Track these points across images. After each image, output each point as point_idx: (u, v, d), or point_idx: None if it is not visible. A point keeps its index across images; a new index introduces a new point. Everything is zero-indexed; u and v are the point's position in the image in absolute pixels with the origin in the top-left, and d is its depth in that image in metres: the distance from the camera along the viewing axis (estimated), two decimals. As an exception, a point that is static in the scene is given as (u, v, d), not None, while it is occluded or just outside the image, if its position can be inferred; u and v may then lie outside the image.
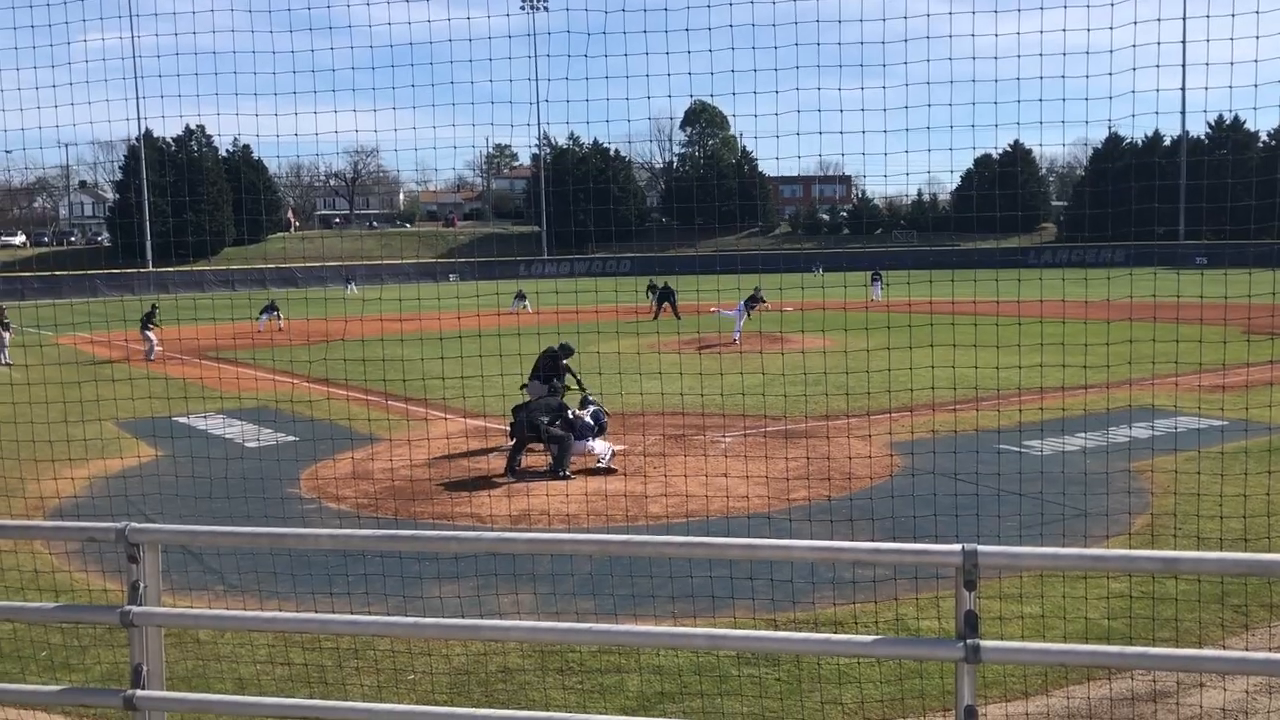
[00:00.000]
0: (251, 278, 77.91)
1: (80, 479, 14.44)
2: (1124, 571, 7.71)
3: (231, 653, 8.20)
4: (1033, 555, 4.93)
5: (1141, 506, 11.68)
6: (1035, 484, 12.18)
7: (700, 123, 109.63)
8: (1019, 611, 8.29)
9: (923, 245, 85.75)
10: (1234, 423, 14.95)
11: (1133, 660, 4.81)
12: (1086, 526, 10.87)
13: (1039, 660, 5.33)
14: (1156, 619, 7.94)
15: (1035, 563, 4.95)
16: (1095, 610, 8.24)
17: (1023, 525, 10.66)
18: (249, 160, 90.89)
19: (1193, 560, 5.09)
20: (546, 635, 5.06)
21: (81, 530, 5.08)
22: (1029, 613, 8.23)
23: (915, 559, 4.53)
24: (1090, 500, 11.39)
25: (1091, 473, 12.69)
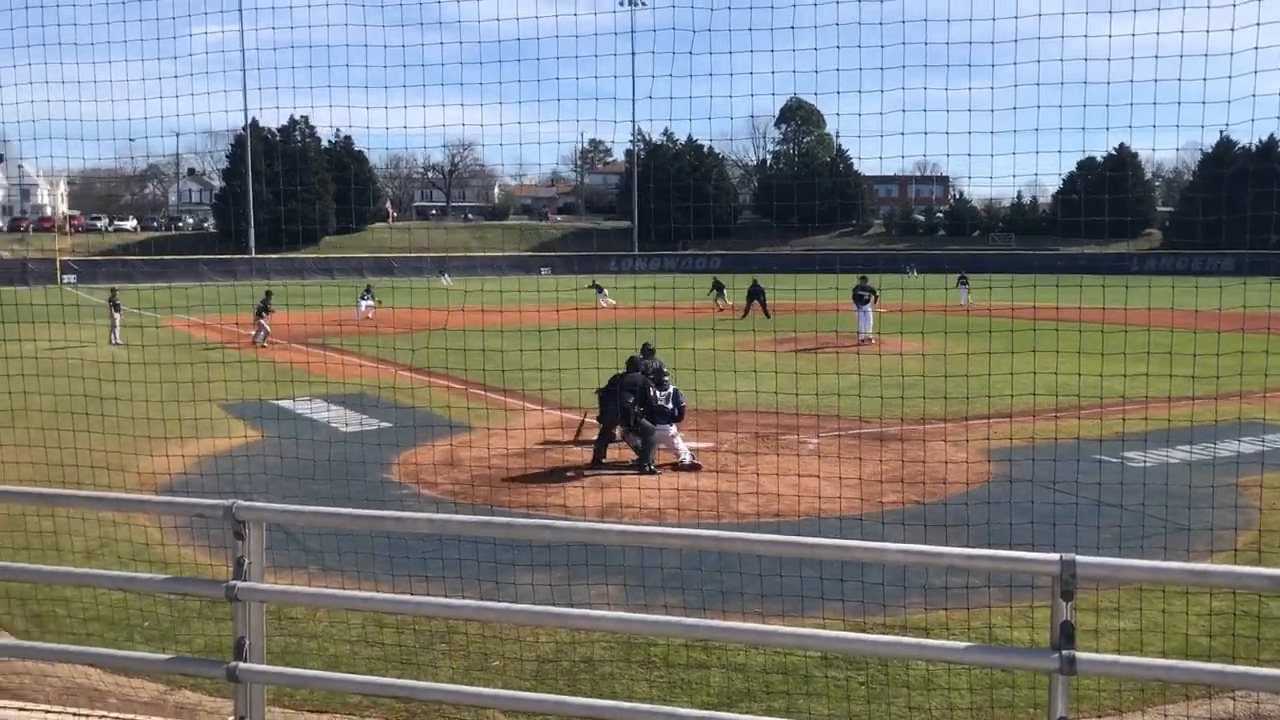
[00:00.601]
0: (350, 266, 79.77)
1: (186, 457, 14.97)
2: (1229, 588, 7.45)
3: (324, 631, 8.43)
4: (1133, 568, 4.78)
5: (1247, 523, 11.27)
6: (1136, 496, 11.82)
7: (796, 120, 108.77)
8: (1115, 626, 8.07)
9: (1021, 248, 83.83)
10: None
11: (1234, 680, 4.64)
12: (1189, 542, 10.52)
13: (1136, 675, 5.19)
14: (1261, 639, 7.65)
15: (1136, 575, 4.81)
16: (1195, 628, 7.97)
17: (1122, 538, 10.37)
18: (351, 151, 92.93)
19: None
20: (635, 627, 5.10)
21: (191, 506, 5.27)
22: (1125, 627, 8.00)
23: (1011, 567, 4.44)
24: (1193, 515, 11.02)
25: (1195, 487, 12.27)
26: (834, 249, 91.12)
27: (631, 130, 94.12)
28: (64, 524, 10.41)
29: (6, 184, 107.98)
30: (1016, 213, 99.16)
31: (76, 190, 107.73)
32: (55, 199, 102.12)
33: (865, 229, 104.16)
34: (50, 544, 9.66)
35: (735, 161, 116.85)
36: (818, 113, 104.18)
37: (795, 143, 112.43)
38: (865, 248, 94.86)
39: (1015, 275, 16.16)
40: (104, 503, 8.46)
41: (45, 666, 7.15)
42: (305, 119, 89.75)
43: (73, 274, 70.49)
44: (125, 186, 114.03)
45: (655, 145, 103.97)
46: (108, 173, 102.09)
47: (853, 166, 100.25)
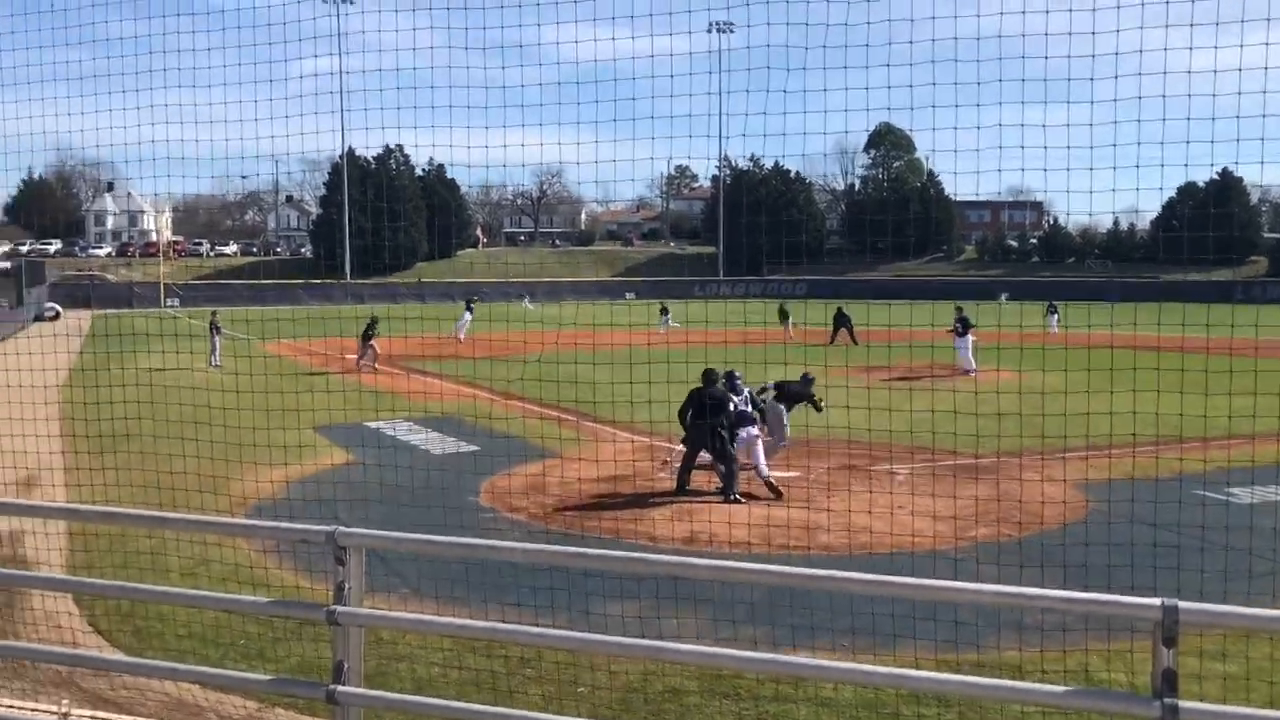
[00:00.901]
0: (440, 291, 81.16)
1: (276, 483, 15.32)
2: None
3: (412, 653, 8.53)
4: (1238, 615, 4.59)
5: (1364, 567, 10.74)
6: (1241, 536, 11.38)
7: (885, 145, 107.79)
8: (1220, 671, 7.76)
9: (1118, 275, 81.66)
10: None
11: None
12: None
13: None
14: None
15: (1241, 622, 4.62)
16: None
17: (1227, 579, 9.98)
18: (442, 178, 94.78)
19: None
20: (724, 661, 5.06)
21: (295, 532, 5.39)
22: (1230, 672, 7.68)
23: (1111, 611, 4.29)
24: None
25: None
26: (923, 275, 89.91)
27: (718, 156, 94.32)
28: (163, 544, 10.74)
29: (116, 211, 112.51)
30: (1113, 239, 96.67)
31: (180, 216, 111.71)
32: (160, 225, 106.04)
33: (956, 254, 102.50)
34: (149, 563, 9.98)
35: (822, 186, 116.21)
36: (908, 137, 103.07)
37: (884, 167, 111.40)
38: (956, 274, 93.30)
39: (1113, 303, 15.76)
40: (211, 526, 8.74)
41: (149, 680, 7.37)
42: (400, 147, 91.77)
43: (176, 298, 73.00)
44: (226, 213, 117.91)
45: (741, 170, 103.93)
46: (210, 199, 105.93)
47: (943, 191, 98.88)
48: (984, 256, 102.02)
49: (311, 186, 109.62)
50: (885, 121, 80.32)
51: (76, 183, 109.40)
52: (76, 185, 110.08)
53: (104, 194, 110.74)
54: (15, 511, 10.43)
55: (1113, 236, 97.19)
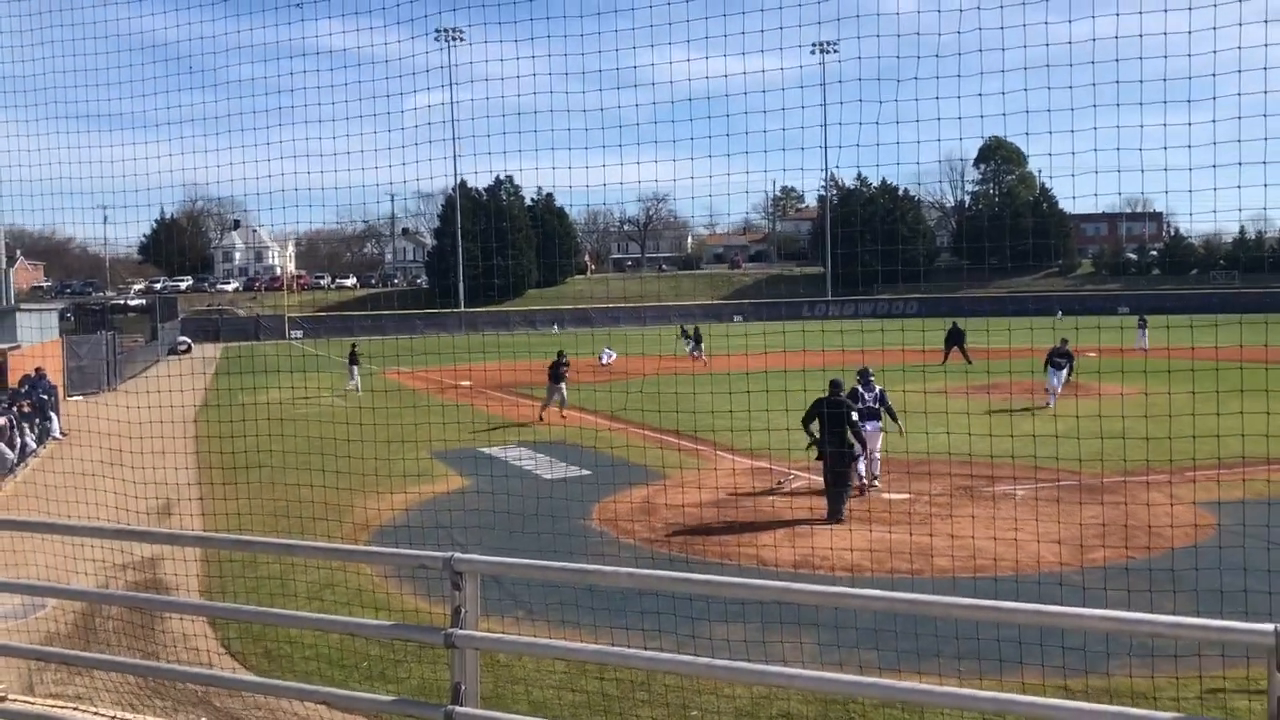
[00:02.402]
0: (550, 318, 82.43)
1: (396, 510, 15.80)
2: None
3: (527, 676, 8.72)
4: None
5: None
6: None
7: (995, 160, 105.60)
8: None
9: (1246, 287, 78.21)
10: None
11: None
12: None
13: None
14: None
15: None
16: None
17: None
18: (551, 207, 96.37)
19: None
20: (830, 685, 5.08)
21: (413, 558, 5.60)
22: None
23: (1221, 637, 4.18)
24: None
25: None
26: (1039, 290, 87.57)
27: (824, 176, 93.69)
28: (290, 569, 11.19)
29: (243, 247, 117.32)
30: (1240, 249, 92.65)
31: (302, 251, 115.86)
32: (284, 260, 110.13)
33: (1072, 269, 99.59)
34: (278, 588, 10.43)
35: (932, 203, 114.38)
36: (1019, 151, 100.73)
37: (995, 182, 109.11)
38: (1072, 289, 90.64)
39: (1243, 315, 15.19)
40: (335, 553, 9.10)
41: (279, 700, 7.70)
42: (510, 178, 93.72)
43: (300, 329, 75.65)
44: (346, 246, 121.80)
45: (848, 190, 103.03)
46: (330, 234, 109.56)
47: (1057, 205, 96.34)
48: (1101, 270, 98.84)
49: (426, 218, 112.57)
50: (995, 135, 78.78)
51: (205, 221, 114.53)
52: (205, 224, 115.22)
53: (231, 231, 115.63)
54: (156, 540, 11.00)
55: (1239, 246, 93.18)
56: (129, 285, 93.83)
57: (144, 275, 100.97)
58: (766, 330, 35.00)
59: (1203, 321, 15.63)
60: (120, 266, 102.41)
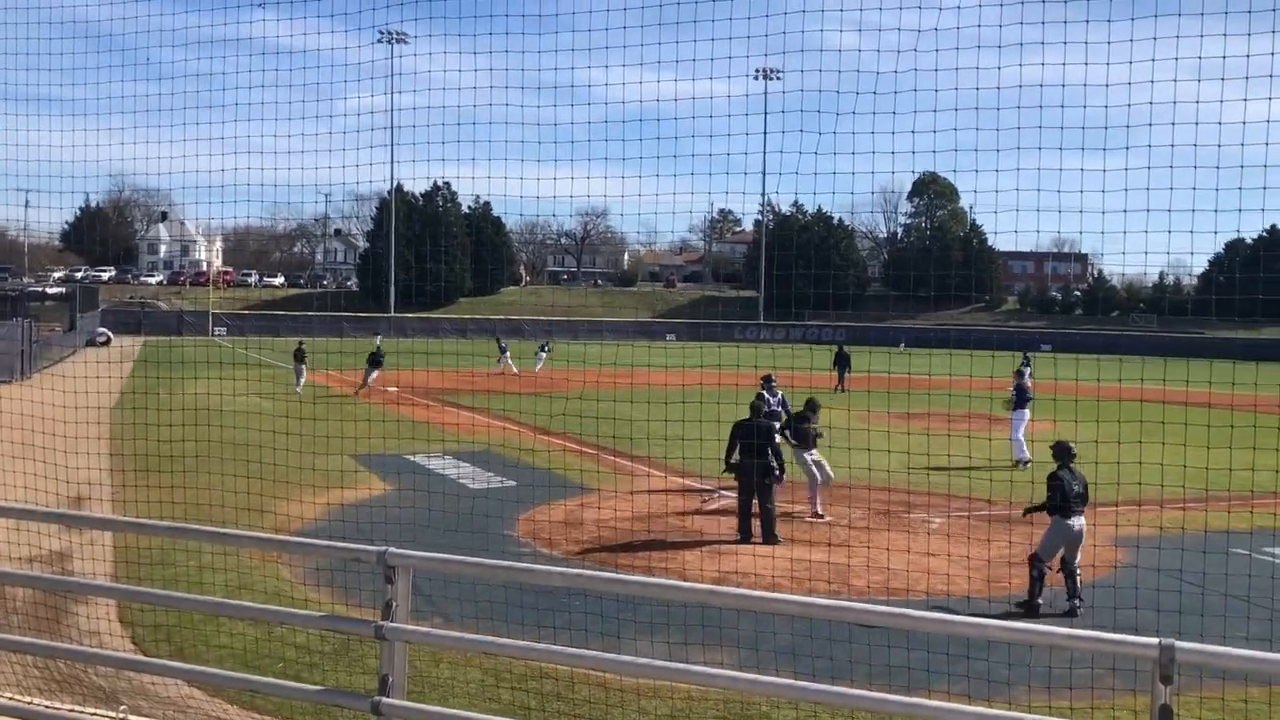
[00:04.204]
0: (483, 327, 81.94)
1: (318, 504, 15.61)
2: None
3: (445, 682, 8.69)
4: (1233, 656, 4.75)
5: (1405, 631, 10.61)
6: (1273, 594, 11.28)
7: (928, 194, 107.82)
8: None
9: (1164, 330, 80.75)
10: None
11: None
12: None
13: None
14: None
15: (1236, 664, 4.76)
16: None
17: (1273, 636, 9.91)
18: (488, 216, 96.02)
19: None
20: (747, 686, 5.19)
21: (347, 550, 5.62)
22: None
23: (1113, 649, 4.46)
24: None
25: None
26: (965, 325, 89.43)
27: (761, 201, 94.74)
28: (202, 571, 11.00)
29: (169, 240, 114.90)
30: (1159, 293, 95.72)
31: (230, 246, 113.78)
32: (211, 255, 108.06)
33: (998, 305, 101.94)
34: (193, 589, 10.23)
35: (865, 233, 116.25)
36: (952, 187, 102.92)
37: (928, 216, 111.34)
38: (998, 324, 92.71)
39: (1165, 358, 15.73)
40: (269, 543, 9.00)
41: (184, 700, 7.57)
42: (447, 184, 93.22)
43: (223, 326, 74.26)
44: (275, 244, 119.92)
45: (784, 216, 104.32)
46: (260, 231, 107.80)
47: (986, 241, 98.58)
48: (1026, 308, 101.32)
49: (359, 220, 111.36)
50: (929, 170, 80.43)
51: (131, 211, 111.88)
52: (131, 214, 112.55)
53: (157, 223, 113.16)
54: (84, 524, 10.73)
55: (1158, 290, 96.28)
56: (49, 272, 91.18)
57: (65, 263, 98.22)
58: (703, 350, 35.28)
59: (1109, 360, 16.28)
60: (40, 253, 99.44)
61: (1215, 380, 11.27)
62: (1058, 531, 11.56)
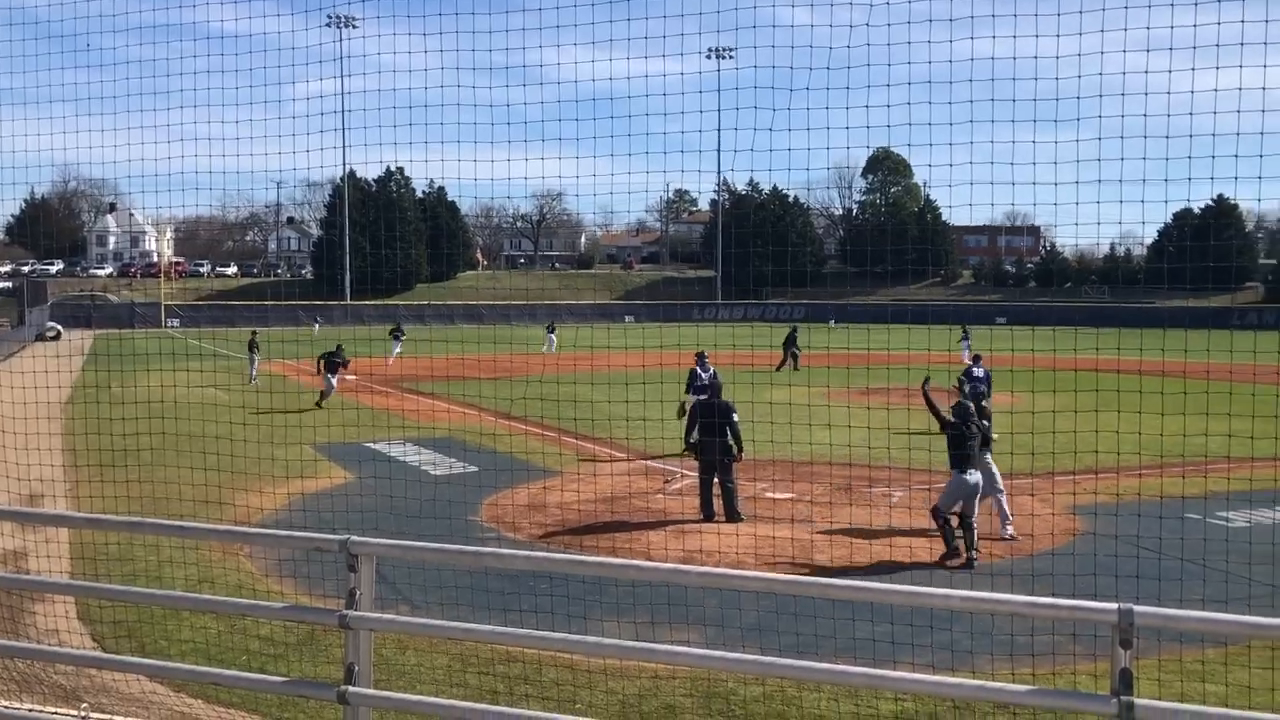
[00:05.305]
0: (441, 313, 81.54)
1: (279, 494, 15.48)
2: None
3: (411, 670, 8.66)
4: (1190, 618, 4.88)
5: (1351, 588, 10.88)
6: (1232, 557, 11.53)
7: (883, 170, 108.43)
8: (1218, 690, 7.91)
9: (1115, 301, 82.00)
10: None
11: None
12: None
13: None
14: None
15: (1192, 626, 4.89)
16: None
17: (1228, 598, 10.11)
18: (443, 200, 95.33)
19: None
20: (711, 663, 5.22)
21: (308, 540, 5.58)
22: (1226, 689, 7.84)
23: (1072, 615, 4.57)
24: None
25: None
26: (921, 299, 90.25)
27: (717, 180, 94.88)
28: (163, 566, 10.87)
29: (118, 231, 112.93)
30: (1110, 265, 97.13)
31: (181, 237, 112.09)
32: (162, 246, 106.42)
33: (954, 279, 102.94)
34: (154, 584, 10.11)
35: (821, 211, 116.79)
36: (905, 163, 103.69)
37: (882, 192, 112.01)
38: (954, 298, 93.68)
39: (1118, 328, 15.97)
40: (228, 535, 8.90)
41: (147, 696, 7.48)
42: (401, 169, 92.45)
43: (176, 318, 73.26)
44: (228, 234, 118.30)
45: (740, 195, 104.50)
46: (211, 221, 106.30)
47: (941, 217, 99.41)
48: (981, 282, 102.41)
49: (312, 208, 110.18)
50: (883, 147, 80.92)
51: (79, 203, 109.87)
52: (79, 206, 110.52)
53: (106, 215, 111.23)
54: (42, 521, 10.55)
55: (1110, 262, 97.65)
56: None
57: (11, 257, 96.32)
58: (663, 330, 35.28)
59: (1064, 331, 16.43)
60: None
61: (1167, 349, 11.45)
62: (955, 485, 12.17)
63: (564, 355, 40.89)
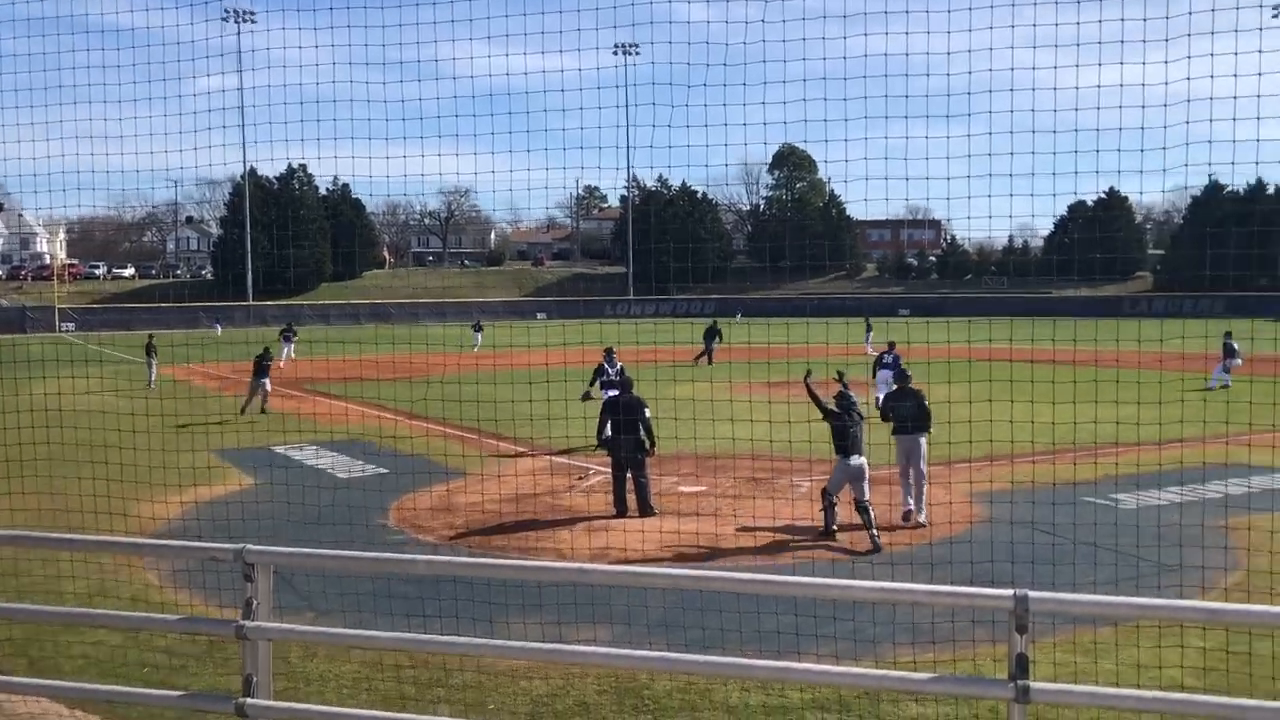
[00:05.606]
0: (347, 313, 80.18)
1: (183, 504, 15.06)
2: (1172, 621, 7.69)
3: (320, 675, 8.51)
4: (1083, 602, 5.09)
5: (1235, 564, 11.37)
6: (1122, 538, 11.97)
7: (788, 166, 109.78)
8: (1109, 668, 8.19)
9: (1014, 292, 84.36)
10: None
11: (1178, 707, 4.88)
12: (1180, 581, 10.63)
13: (1088, 703, 5.40)
14: (1252, 676, 7.73)
15: (1085, 610, 5.11)
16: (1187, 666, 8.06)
17: (1118, 579, 10.48)
18: (348, 198, 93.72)
19: (1237, 612, 5.43)
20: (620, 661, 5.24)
21: (203, 550, 5.44)
22: (1118, 667, 8.12)
23: (970, 602, 4.70)
24: (1182, 556, 11.14)
25: (1184, 528, 12.42)
26: (827, 293, 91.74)
27: (626, 177, 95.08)
28: (56, 580, 10.49)
29: (6, 233, 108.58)
30: (1008, 255, 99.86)
31: (75, 238, 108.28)
32: (54, 247, 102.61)
33: (858, 273, 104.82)
34: (46, 599, 9.75)
35: (729, 206, 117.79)
36: (810, 159, 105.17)
37: (788, 188, 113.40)
38: (859, 290, 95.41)
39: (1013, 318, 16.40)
40: (118, 546, 8.62)
41: (43, 716, 7.22)
42: (304, 167, 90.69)
43: (72, 322, 70.76)
44: (124, 234, 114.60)
45: (650, 191, 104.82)
46: (106, 220, 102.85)
47: (845, 211, 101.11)
48: (885, 275, 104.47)
49: (212, 207, 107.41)
50: (787, 143, 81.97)
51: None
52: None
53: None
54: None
55: (1008, 253, 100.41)
56: None
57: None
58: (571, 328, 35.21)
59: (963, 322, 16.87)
60: None
61: (1060, 339, 11.82)
62: (840, 469, 13.01)
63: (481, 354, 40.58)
